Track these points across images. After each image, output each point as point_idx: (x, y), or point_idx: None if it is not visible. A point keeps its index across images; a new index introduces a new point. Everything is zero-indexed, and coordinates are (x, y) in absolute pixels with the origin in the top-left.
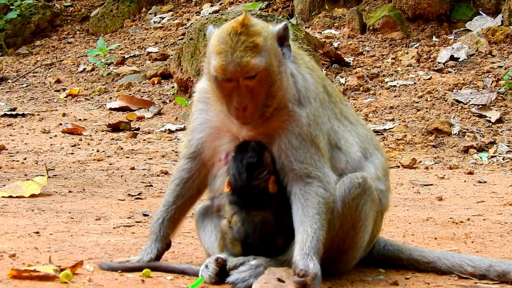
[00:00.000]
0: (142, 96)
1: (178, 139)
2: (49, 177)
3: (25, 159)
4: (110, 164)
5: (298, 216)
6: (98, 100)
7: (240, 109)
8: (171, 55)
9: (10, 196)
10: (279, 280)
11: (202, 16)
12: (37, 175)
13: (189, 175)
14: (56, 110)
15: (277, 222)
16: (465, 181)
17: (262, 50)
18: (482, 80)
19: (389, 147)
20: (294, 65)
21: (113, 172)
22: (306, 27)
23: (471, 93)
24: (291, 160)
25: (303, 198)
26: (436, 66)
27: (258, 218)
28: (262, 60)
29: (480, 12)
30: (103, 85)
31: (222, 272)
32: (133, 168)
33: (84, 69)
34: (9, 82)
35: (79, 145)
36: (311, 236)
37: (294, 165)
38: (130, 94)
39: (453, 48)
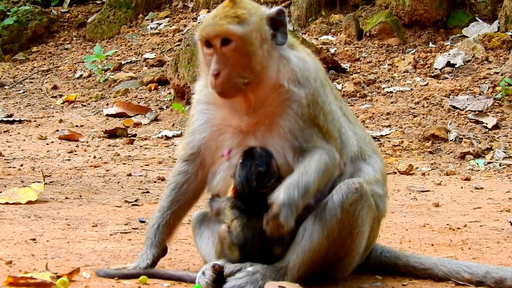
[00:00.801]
0: (139, 102)
1: (175, 145)
2: (46, 183)
3: (21, 165)
4: (107, 170)
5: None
6: (95, 106)
7: (213, 75)
8: (168, 61)
9: (7, 203)
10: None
11: (199, 22)
12: (34, 182)
13: (185, 178)
14: (53, 116)
15: None
16: (462, 187)
17: (242, 21)
18: (479, 86)
19: (386, 153)
20: (291, 50)
21: (110, 179)
22: (302, 33)
23: (467, 99)
24: (298, 141)
25: (304, 158)
26: (432, 72)
27: (259, 225)
28: (239, 29)
29: (477, 18)
30: (100, 91)
31: (219, 278)
32: (130, 175)
33: (81, 75)
34: (5, 88)
35: (75, 151)
36: (297, 176)
37: (301, 144)
38: (127, 100)
39: (449, 54)
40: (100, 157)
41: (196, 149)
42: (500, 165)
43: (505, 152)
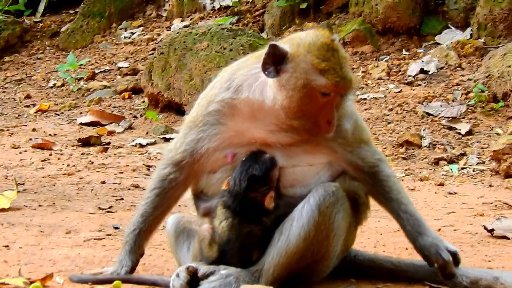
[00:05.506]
0: (112, 111)
1: (149, 153)
2: (19, 191)
3: None
4: (81, 178)
5: (390, 211)
6: (68, 115)
7: (333, 123)
8: (142, 70)
9: None
10: None
11: (172, 31)
12: (7, 190)
13: (172, 185)
14: (26, 125)
15: (262, 237)
16: (435, 192)
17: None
18: (452, 93)
19: None
20: None
21: (84, 186)
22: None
23: (441, 105)
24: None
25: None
26: (406, 79)
27: (246, 229)
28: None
29: (450, 25)
30: (73, 100)
31: (193, 280)
32: (103, 182)
33: (54, 84)
34: None
35: (49, 159)
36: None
37: (358, 162)
38: (100, 109)
39: (422, 61)
40: (74, 165)
41: (196, 156)
42: (473, 171)
43: (478, 158)
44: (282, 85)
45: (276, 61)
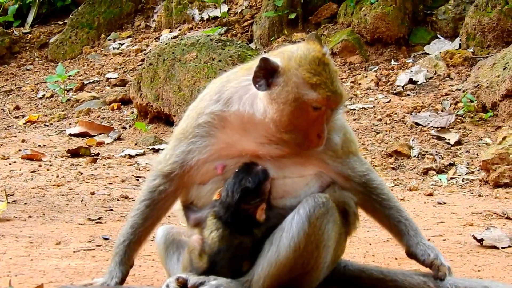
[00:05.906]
0: (101, 122)
1: (138, 163)
2: (9, 202)
3: None
4: (70, 189)
5: (387, 218)
6: (58, 126)
7: (323, 136)
8: (131, 81)
9: None
10: None
11: (161, 42)
12: None
13: (162, 196)
14: (15, 136)
15: (252, 249)
16: (425, 202)
17: None
18: (441, 103)
19: None
20: None
21: (73, 197)
22: (265, 52)
23: (430, 115)
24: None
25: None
26: (395, 89)
27: (237, 241)
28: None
29: (438, 35)
30: (63, 111)
31: None
32: (93, 193)
33: (43, 95)
34: None
35: (38, 171)
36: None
37: (348, 172)
38: (89, 120)
39: (411, 71)
40: (63, 176)
41: (185, 168)
42: (462, 181)
43: (467, 168)
44: (273, 98)
45: (267, 74)
